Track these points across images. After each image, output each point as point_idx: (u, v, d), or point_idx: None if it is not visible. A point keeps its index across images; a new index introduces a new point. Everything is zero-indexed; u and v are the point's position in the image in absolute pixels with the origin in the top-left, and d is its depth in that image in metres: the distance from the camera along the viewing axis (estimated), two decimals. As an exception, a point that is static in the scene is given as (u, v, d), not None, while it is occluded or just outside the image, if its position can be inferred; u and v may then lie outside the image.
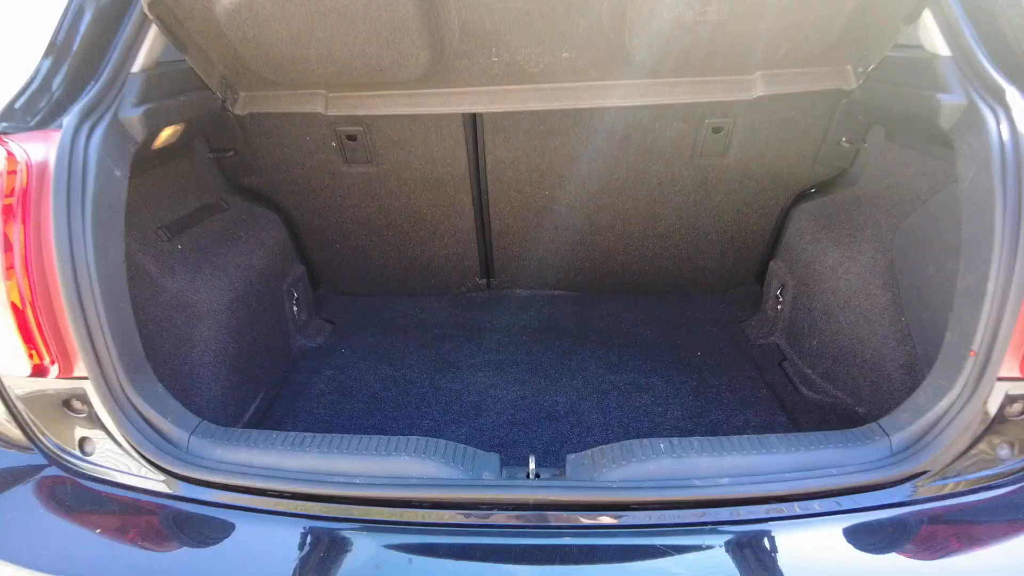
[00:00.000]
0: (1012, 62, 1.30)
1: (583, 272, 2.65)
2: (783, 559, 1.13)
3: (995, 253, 1.14)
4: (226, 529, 1.22)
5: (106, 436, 1.27)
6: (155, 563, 1.18)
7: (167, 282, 1.78)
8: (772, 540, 1.16)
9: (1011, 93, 1.23)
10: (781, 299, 2.29)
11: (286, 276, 2.38)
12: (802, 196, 2.30)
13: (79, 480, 1.28)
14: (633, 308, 2.64)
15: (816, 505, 1.17)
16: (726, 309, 2.60)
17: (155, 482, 1.25)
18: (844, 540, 1.15)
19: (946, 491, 1.19)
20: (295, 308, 2.42)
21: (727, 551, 1.14)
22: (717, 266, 2.57)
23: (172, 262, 1.83)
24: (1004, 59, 1.31)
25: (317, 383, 2.22)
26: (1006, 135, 1.18)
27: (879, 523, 1.17)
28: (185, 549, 1.21)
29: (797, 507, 1.17)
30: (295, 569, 1.14)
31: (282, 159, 2.19)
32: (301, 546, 1.18)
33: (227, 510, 1.24)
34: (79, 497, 1.28)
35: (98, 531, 1.21)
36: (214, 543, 1.21)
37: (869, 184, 2.06)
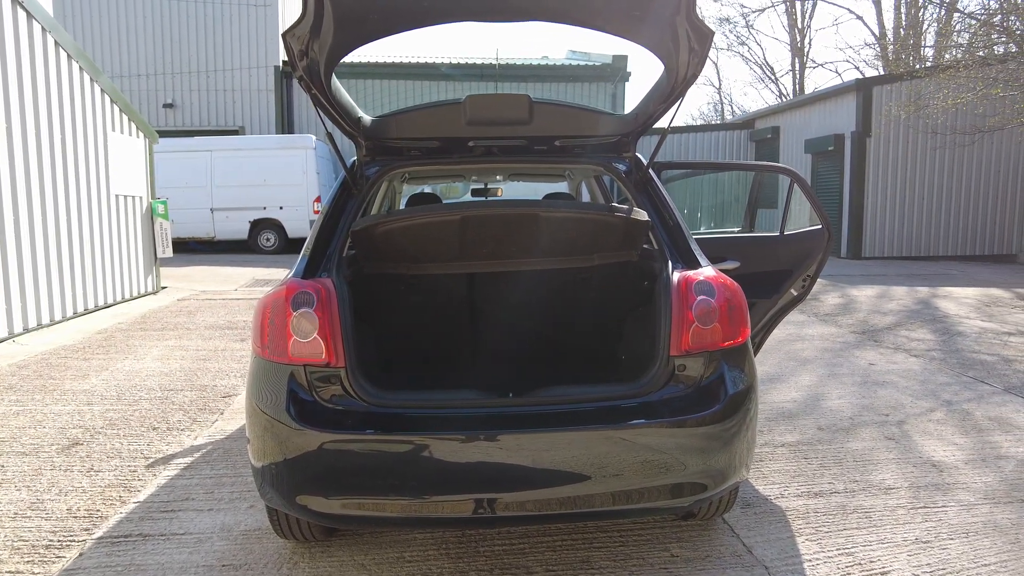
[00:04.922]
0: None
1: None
2: (612, 412, 2.44)
3: (661, 318, 2.57)
4: (386, 418, 2.42)
5: (341, 388, 2.46)
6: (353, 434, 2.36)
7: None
8: (612, 409, 2.45)
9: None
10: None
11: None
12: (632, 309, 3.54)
13: (326, 405, 2.44)
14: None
15: (621, 401, 2.49)
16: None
17: (361, 406, 2.43)
18: (628, 411, 2.43)
19: (655, 397, 2.45)
20: None
21: (589, 415, 2.45)
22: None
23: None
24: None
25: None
26: (665, 277, 2.64)
27: (636, 405, 2.43)
28: (369, 431, 2.38)
29: (613, 402, 2.50)
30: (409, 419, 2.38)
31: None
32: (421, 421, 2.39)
33: (384, 413, 2.43)
34: (324, 408, 2.43)
35: (331, 424, 2.38)
36: (379, 430, 2.37)
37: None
